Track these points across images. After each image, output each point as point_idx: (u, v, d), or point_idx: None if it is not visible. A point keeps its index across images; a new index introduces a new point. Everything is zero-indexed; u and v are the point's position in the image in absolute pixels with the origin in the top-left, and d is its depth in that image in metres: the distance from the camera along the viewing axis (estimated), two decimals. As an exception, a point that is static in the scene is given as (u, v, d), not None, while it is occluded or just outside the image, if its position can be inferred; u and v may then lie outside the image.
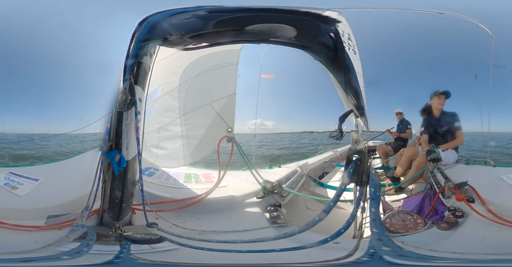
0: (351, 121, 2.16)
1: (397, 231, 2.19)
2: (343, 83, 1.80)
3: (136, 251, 1.74)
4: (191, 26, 1.71)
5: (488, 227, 2.13)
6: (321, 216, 1.73)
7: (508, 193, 2.64)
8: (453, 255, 1.71)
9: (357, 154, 1.87)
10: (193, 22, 1.69)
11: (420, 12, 3.74)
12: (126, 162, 1.91)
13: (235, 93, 3.15)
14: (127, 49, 1.80)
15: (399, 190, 3.98)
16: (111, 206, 1.97)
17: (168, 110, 3.14)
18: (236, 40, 1.93)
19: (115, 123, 1.88)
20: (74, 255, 1.63)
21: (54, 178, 2.79)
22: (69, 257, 1.62)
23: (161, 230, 2.00)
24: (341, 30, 1.64)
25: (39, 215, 2.12)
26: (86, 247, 1.68)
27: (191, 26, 1.71)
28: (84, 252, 1.64)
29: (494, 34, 4.00)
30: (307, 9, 1.58)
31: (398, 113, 6.02)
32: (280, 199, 2.77)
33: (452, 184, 2.61)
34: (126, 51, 1.80)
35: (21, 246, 1.74)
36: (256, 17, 1.61)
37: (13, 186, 2.44)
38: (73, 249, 1.68)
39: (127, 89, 1.78)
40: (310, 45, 1.72)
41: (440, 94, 3.96)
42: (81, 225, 1.92)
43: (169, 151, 3.19)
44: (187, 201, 2.52)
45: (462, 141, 3.90)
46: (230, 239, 1.94)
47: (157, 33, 1.76)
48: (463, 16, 3.96)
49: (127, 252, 1.71)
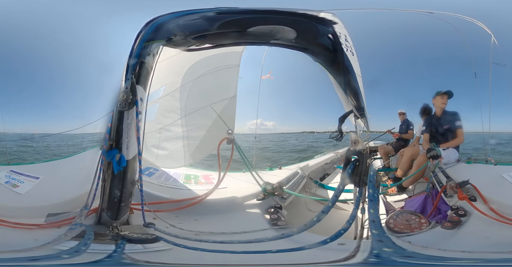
0: (351, 122, 2.17)
1: (402, 231, 2.18)
2: (343, 85, 1.80)
3: (129, 251, 1.74)
4: (196, 27, 1.72)
5: (490, 225, 2.13)
6: (319, 217, 1.72)
7: (509, 191, 2.65)
8: (463, 255, 1.71)
9: (356, 155, 1.87)
10: (199, 23, 1.70)
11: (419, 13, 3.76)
12: (126, 161, 1.91)
13: (236, 95, 3.16)
14: (131, 48, 1.81)
15: (401, 190, 3.99)
16: (109, 205, 1.98)
17: (170, 111, 3.15)
18: (238, 42, 1.94)
19: (116, 122, 1.88)
20: (73, 254, 1.64)
21: (55, 176, 2.80)
22: (69, 256, 1.63)
23: (157, 230, 2.00)
24: (338, 31, 1.65)
25: (39, 213, 2.12)
26: (84, 246, 1.68)
27: (196, 27, 1.72)
28: (82, 251, 1.65)
29: (493, 33, 4.03)
30: (304, 11, 1.59)
31: (401, 114, 6.02)
32: (281, 201, 2.75)
33: (453, 183, 2.62)
34: (130, 51, 1.81)
35: (22, 244, 1.75)
36: (257, 19, 1.62)
37: (14, 184, 2.45)
38: (72, 248, 1.69)
39: (129, 88, 1.78)
40: (310, 47, 1.74)
41: (443, 94, 4.03)
42: (79, 223, 1.93)
43: (169, 151, 3.20)
44: (185, 201, 2.51)
45: (463, 139, 3.95)
46: (227, 240, 1.93)
47: (162, 33, 1.78)
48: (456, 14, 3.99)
49: (121, 252, 1.71)
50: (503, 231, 2.06)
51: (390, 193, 4.01)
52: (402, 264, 1.60)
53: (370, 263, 1.60)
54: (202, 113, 3.13)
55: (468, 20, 4.00)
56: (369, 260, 1.61)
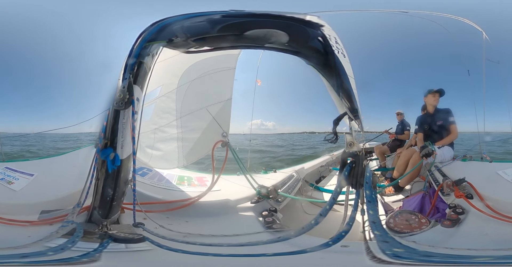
0: (346, 124, 2.18)
1: (402, 231, 2.19)
2: (336, 87, 1.81)
3: (111, 250, 1.74)
4: (199, 29, 1.73)
5: (488, 222, 2.16)
6: (317, 220, 1.73)
7: (504, 188, 2.68)
8: (469, 252, 1.70)
9: (351, 157, 1.88)
10: (201, 25, 1.70)
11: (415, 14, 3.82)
12: (120, 160, 1.91)
13: (231, 98, 3.18)
14: (131, 48, 1.81)
15: (398, 190, 4.04)
16: (101, 204, 1.98)
17: (165, 112, 3.16)
18: (235, 45, 1.96)
19: (112, 121, 1.88)
20: (58, 251, 1.64)
21: (49, 173, 2.80)
22: (53, 253, 1.63)
23: (146, 231, 1.99)
24: (327, 34, 1.67)
25: (33, 210, 2.13)
26: (71, 244, 1.68)
27: (199, 29, 1.73)
28: (67, 248, 1.65)
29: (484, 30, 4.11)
30: (291, 14, 1.62)
31: (398, 114, 6.06)
32: (276, 204, 2.73)
33: (450, 181, 2.65)
34: (129, 50, 1.81)
35: (15, 241, 1.75)
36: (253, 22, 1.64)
37: (8, 181, 2.45)
38: (59, 245, 1.69)
39: (126, 88, 1.79)
40: (302, 50, 1.75)
41: (434, 92, 4.17)
42: (71, 221, 1.92)
43: (164, 152, 3.20)
44: (177, 203, 2.50)
45: (457, 135, 4.04)
46: (216, 242, 1.90)
47: (165, 34, 1.77)
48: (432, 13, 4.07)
49: (100, 250, 1.70)
50: (500, 228, 2.09)
51: (388, 193, 4.04)
52: (425, 262, 1.58)
53: (396, 263, 1.56)
54: (197, 115, 3.13)
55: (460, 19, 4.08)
56: (392, 261, 1.57)
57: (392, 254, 1.58)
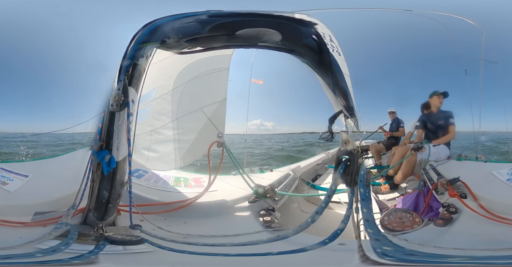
0: (341, 122, 2.18)
1: (396, 229, 2.21)
2: (331, 85, 1.81)
3: (108, 252, 1.72)
4: (189, 30, 1.73)
5: (480, 222, 2.18)
6: (314, 218, 1.73)
7: (498, 189, 2.69)
8: (455, 252, 1.72)
9: (346, 155, 1.87)
10: (192, 26, 1.71)
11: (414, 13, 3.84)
12: (116, 162, 1.90)
13: (226, 99, 3.18)
14: (125, 50, 1.81)
15: (394, 188, 4.12)
16: (97, 206, 1.97)
17: (161, 113, 3.15)
18: (227, 45, 1.96)
19: (107, 123, 1.88)
20: (49, 253, 1.62)
21: (44, 175, 2.78)
22: (42, 255, 1.61)
23: (143, 232, 1.98)
24: (321, 32, 1.67)
25: (27, 211, 2.11)
26: (65, 246, 1.67)
27: (189, 30, 1.73)
28: (60, 250, 1.63)
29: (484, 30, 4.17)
30: (280, 13, 1.62)
31: (391, 113, 6.16)
32: (273, 203, 2.73)
33: (444, 180, 2.67)
34: (124, 52, 1.81)
35: (6, 242, 1.73)
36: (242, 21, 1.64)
37: (3, 182, 2.43)
38: (50, 247, 1.67)
39: (121, 90, 1.78)
40: (296, 48, 1.75)
41: (440, 94, 4.37)
42: (65, 223, 1.91)
43: (160, 154, 3.19)
44: (174, 204, 2.50)
45: (454, 135, 4.17)
46: (218, 242, 1.90)
47: (157, 35, 1.78)
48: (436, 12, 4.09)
49: (97, 252, 1.68)
50: (492, 228, 2.10)
51: (383, 191, 4.08)
52: (406, 261, 1.59)
53: (383, 263, 1.58)
54: (193, 116, 3.13)
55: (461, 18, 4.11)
56: (381, 259, 1.59)
57: (381, 252, 1.60)
